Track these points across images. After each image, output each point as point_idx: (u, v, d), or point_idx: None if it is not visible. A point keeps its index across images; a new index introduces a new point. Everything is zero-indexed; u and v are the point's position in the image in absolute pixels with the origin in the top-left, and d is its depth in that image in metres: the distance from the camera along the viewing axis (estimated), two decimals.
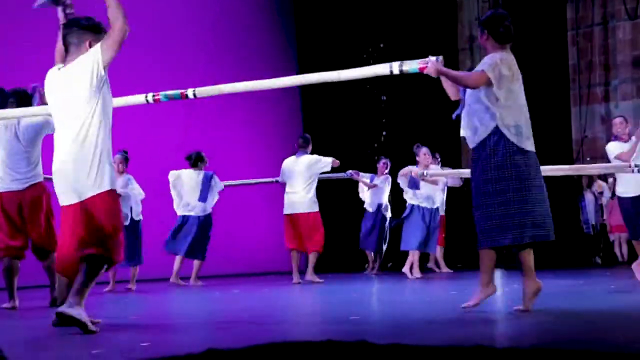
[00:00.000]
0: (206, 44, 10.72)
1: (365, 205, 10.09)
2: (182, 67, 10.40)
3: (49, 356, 3.48)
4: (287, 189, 8.53)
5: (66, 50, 4.19)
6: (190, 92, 4.94)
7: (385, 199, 10.03)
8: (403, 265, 8.95)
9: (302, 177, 8.43)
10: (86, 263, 3.97)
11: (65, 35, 4.19)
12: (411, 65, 4.55)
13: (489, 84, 4.44)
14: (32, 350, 3.68)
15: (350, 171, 9.40)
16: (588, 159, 10.48)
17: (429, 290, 6.96)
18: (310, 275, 8.41)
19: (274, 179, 8.88)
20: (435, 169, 8.96)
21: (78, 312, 3.89)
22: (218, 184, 8.62)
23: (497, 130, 4.45)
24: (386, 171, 9.96)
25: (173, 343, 3.74)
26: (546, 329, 3.78)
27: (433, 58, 4.44)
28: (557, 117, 10.64)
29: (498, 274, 8.18)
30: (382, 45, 11.92)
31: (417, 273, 8.73)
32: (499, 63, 4.45)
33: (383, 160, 10.09)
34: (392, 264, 10.95)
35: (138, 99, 4.96)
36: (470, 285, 7.21)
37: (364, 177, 9.82)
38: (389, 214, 10.03)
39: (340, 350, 2.60)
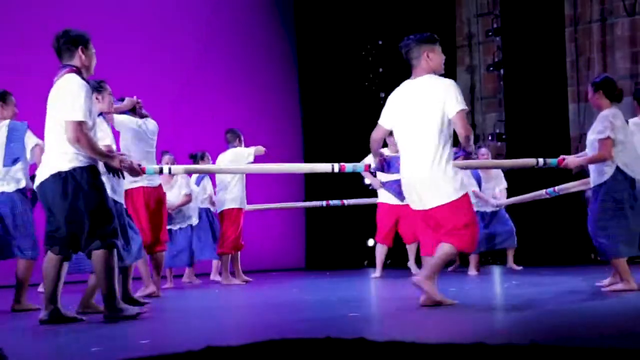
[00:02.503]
0: (204, 38, 10.71)
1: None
2: (181, 66, 10.39)
3: (49, 354, 3.49)
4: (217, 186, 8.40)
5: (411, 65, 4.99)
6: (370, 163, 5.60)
7: None
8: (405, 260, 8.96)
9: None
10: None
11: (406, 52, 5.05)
12: (551, 161, 5.57)
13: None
14: (32, 347, 3.69)
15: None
16: None
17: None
18: (221, 277, 8.23)
19: None
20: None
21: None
22: (208, 187, 8.63)
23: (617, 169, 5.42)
24: None
25: (173, 340, 3.74)
26: (534, 326, 3.79)
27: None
28: (556, 113, 10.63)
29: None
30: (380, 42, 11.93)
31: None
32: (613, 122, 5.39)
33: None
34: (390, 261, 10.96)
35: (325, 167, 5.69)
36: (459, 283, 7.22)
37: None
38: None
39: (338, 348, 2.61)
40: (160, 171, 5.74)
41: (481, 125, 12.19)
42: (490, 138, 11.66)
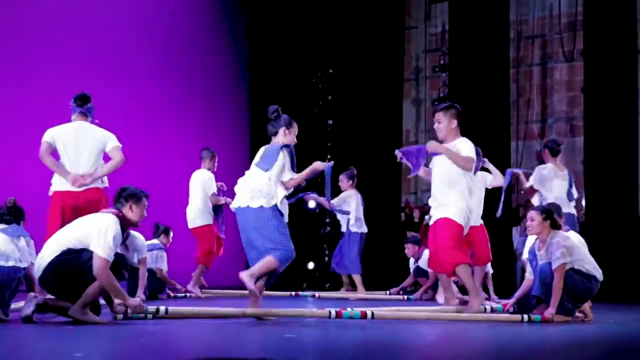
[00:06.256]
0: (156, 64, 10.77)
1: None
2: (134, 86, 10.44)
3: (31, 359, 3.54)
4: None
5: None
6: (369, 312, 5.50)
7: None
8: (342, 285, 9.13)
9: (193, 190, 8.37)
10: None
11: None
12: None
13: None
14: (15, 353, 3.72)
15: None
16: (522, 192, 10.89)
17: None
18: (190, 286, 8.34)
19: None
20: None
21: None
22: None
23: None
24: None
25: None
26: None
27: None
28: (498, 150, 11.02)
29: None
30: (331, 71, 12.22)
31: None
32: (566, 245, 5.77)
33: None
34: (329, 285, 11.15)
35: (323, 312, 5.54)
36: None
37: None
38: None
39: None
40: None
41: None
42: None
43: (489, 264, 7.98)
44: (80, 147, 6.10)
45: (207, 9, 11.70)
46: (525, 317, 5.73)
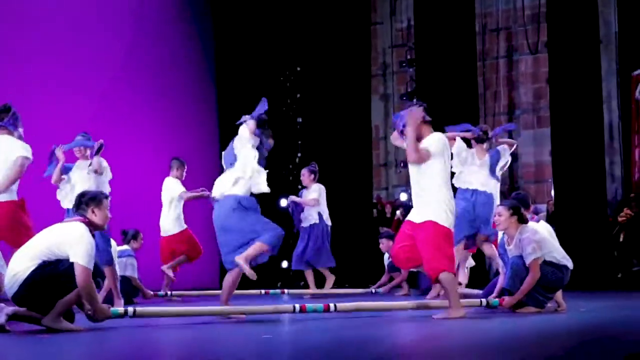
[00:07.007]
0: (123, 65, 10.70)
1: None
2: (101, 85, 10.36)
3: None
4: None
5: None
6: (332, 305, 5.57)
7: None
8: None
9: (164, 199, 8.51)
10: None
11: None
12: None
13: None
14: None
15: (291, 200, 8.92)
16: None
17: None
18: (165, 267, 8.49)
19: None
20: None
21: None
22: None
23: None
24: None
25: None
26: None
27: None
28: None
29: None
30: (299, 69, 12.22)
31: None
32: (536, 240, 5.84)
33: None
34: (303, 282, 11.16)
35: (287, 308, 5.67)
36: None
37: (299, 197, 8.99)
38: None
39: None
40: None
41: (394, 153, 12.61)
42: (402, 165, 12.07)
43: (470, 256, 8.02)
44: None
45: (172, 8, 11.64)
46: (484, 301, 5.90)
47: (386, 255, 9.32)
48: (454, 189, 6.64)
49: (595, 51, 10.40)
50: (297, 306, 5.51)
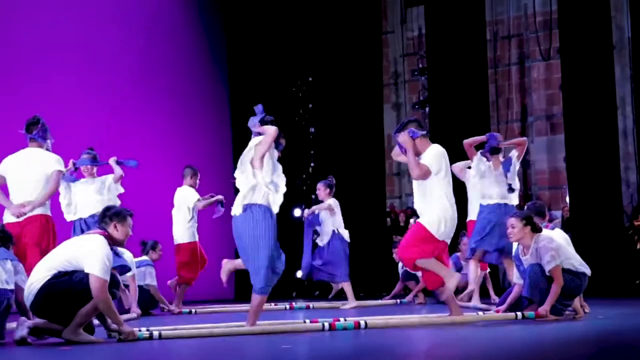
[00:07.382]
0: (137, 78, 10.75)
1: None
2: (112, 97, 10.41)
3: None
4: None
5: None
6: (362, 322, 5.50)
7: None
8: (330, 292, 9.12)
9: (176, 207, 8.37)
10: None
11: None
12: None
13: None
14: None
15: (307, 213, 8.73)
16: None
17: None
18: (174, 305, 8.23)
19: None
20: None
21: None
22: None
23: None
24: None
25: None
26: None
27: None
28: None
29: None
30: (310, 79, 12.24)
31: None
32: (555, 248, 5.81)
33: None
34: (319, 292, 11.15)
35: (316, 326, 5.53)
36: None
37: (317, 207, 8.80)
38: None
39: None
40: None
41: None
42: None
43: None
44: (25, 175, 6.05)
45: (186, 22, 11.69)
46: (519, 314, 5.81)
47: (400, 264, 9.29)
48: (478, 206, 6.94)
49: (609, 57, 10.36)
50: (327, 324, 5.41)
